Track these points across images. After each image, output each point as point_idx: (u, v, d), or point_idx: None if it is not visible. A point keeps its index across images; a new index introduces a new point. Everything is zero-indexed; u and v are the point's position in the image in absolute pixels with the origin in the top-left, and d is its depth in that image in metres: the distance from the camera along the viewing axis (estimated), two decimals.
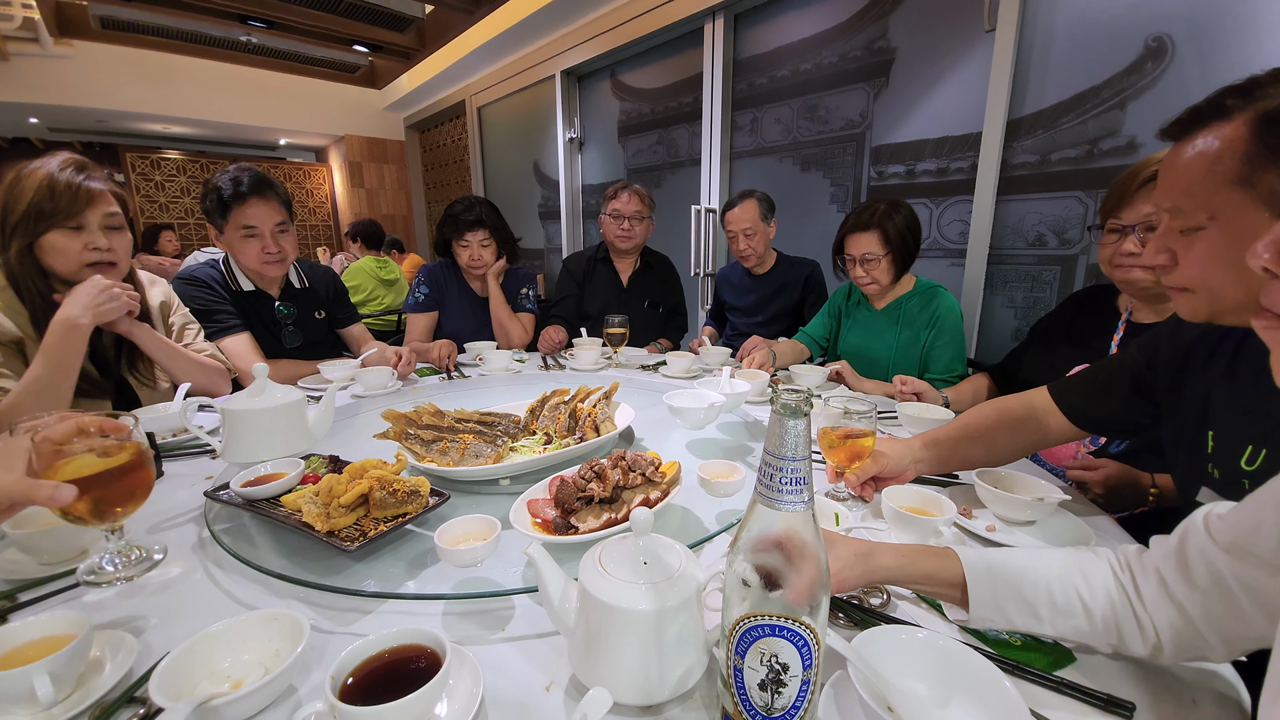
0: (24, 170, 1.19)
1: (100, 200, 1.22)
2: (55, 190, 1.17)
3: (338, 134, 6.40)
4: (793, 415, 0.41)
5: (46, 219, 1.17)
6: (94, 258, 1.23)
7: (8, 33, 4.04)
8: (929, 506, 0.86)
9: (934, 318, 1.68)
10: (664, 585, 0.52)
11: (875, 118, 2.41)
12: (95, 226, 1.23)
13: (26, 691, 0.50)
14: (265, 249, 1.67)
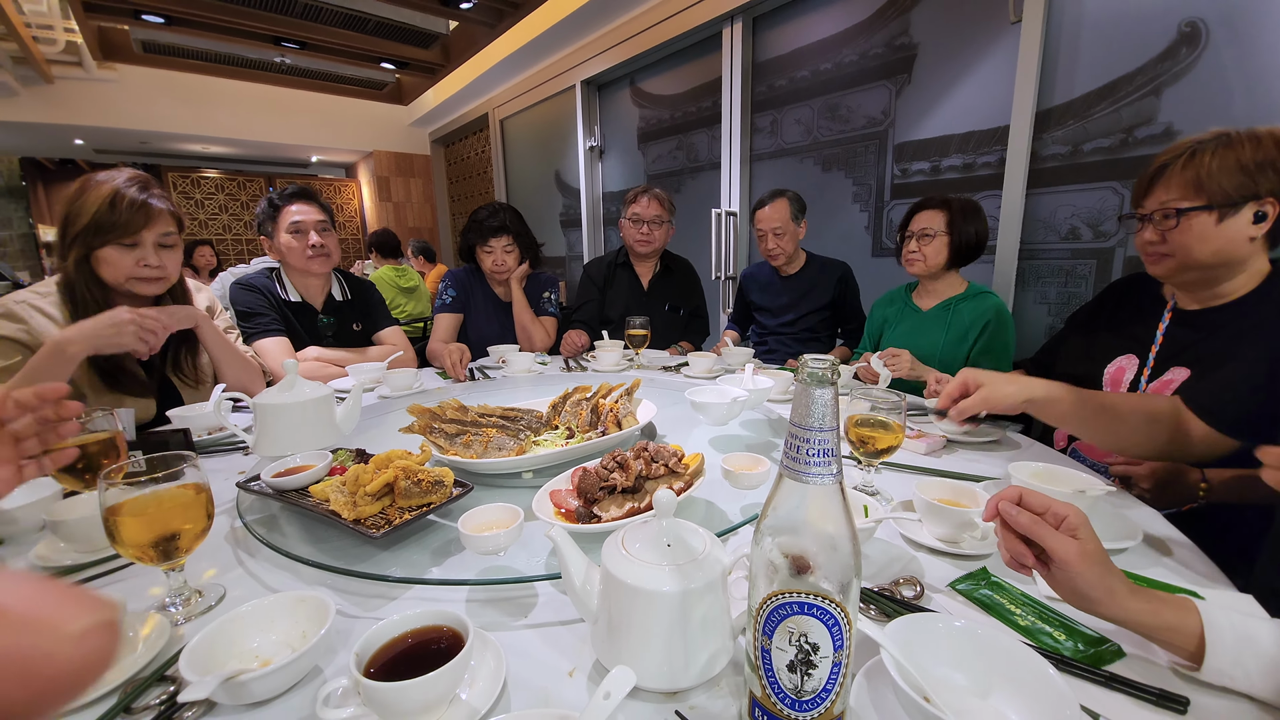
0: (90, 183, 1.23)
1: (158, 220, 1.27)
2: (117, 206, 1.21)
3: (366, 150, 6.58)
4: (819, 384, 0.40)
5: (105, 233, 1.21)
6: (143, 274, 1.27)
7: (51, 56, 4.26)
8: (961, 498, 0.83)
9: (987, 324, 1.64)
10: (689, 567, 0.51)
11: (898, 115, 2.38)
12: (150, 244, 1.27)
13: None
14: (310, 244, 1.79)
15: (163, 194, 1.30)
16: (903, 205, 2.42)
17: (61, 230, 1.23)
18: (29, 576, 0.26)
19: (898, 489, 0.98)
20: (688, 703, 0.52)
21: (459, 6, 3.77)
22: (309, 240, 1.79)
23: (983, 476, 1.02)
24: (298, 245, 1.79)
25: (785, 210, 2.16)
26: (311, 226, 1.80)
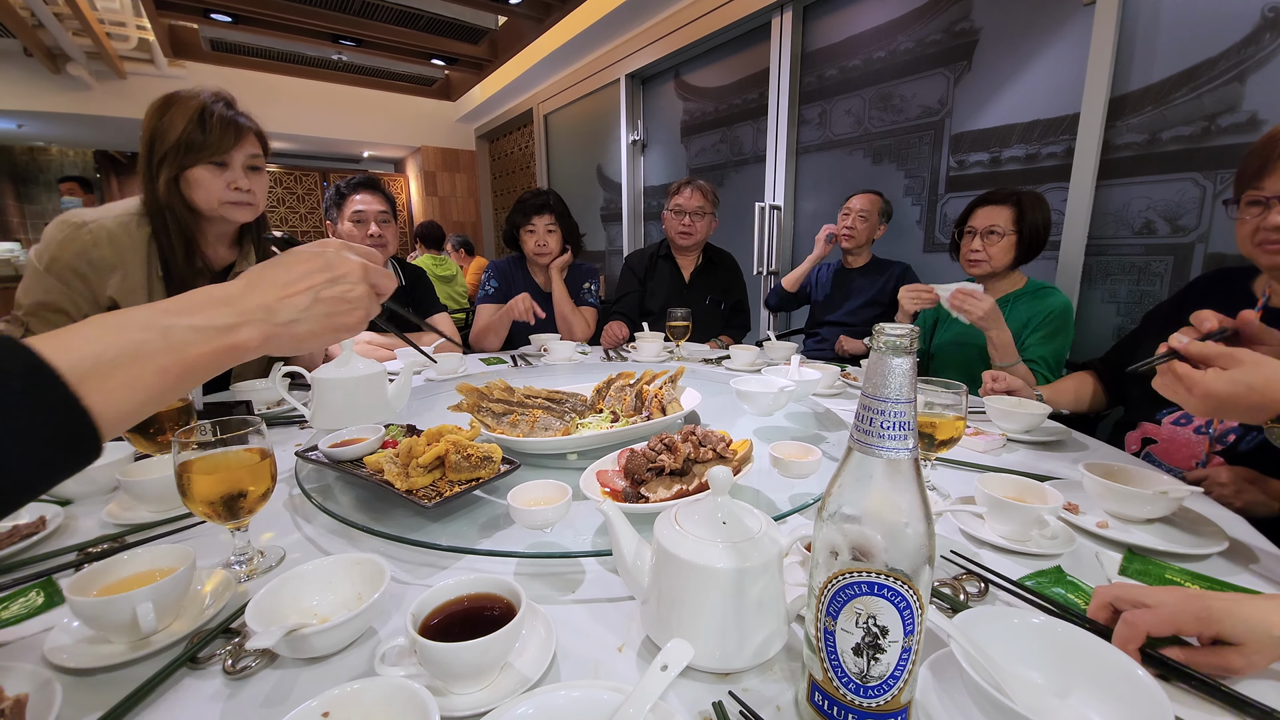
0: (175, 99, 1.17)
1: (246, 140, 1.22)
2: (206, 123, 1.15)
3: (415, 145, 6.76)
4: (896, 352, 0.38)
5: (195, 152, 1.15)
6: (234, 198, 1.22)
7: (124, 52, 4.51)
8: (1028, 495, 0.79)
9: (1047, 317, 1.57)
10: (745, 545, 0.50)
11: (955, 104, 2.28)
12: (239, 165, 1.21)
13: (130, 617, 0.52)
14: (369, 233, 1.87)
15: (247, 113, 1.25)
16: (958, 198, 2.32)
17: (147, 149, 1.17)
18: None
19: (955, 486, 0.93)
20: (740, 684, 0.50)
21: (508, 2, 3.82)
22: (368, 230, 1.87)
23: (1047, 475, 0.96)
24: (358, 234, 1.87)
25: (877, 203, 2.26)
26: (372, 217, 1.88)
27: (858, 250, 2.31)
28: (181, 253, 1.21)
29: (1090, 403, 1.38)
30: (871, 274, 2.32)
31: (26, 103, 4.77)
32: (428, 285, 2.17)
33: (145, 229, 1.20)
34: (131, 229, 1.20)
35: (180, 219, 1.20)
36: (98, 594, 0.55)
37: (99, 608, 0.52)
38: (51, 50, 4.30)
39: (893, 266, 2.31)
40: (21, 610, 0.60)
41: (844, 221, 2.28)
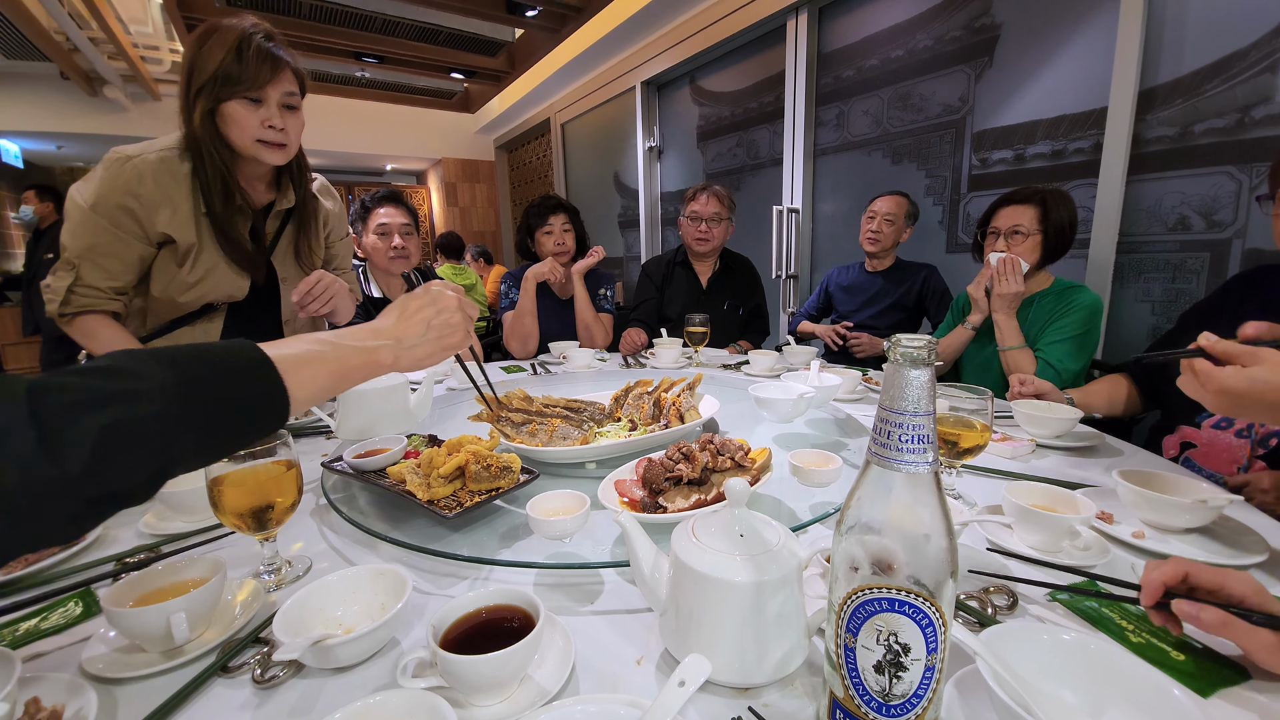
0: (214, 28, 1.12)
1: (283, 76, 1.17)
2: (244, 54, 1.10)
3: (435, 157, 6.89)
4: (913, 365, 0.37)
5: (232, 84, 1.11)
6: (269, 136, 1.17)
7: (158, 75, 4.69)
8: (1059, 504, 0.77)
9: (1072, 309, 1.54)
10: (763, 558, 0.49)
11: (977, 101, 2.24)
12: (274, 103, 1.16)
13: (164, 628, 0.54)
14: (392, 245, 1.93)
15: (288, 48, 1.19)
16: (981, 197, 2.28)
17: (186, 82, 1.14)
18: None
19: (981, 494, 0.91)
20: (760, 700, 0.50)
21: (524, 14, 3.88)
22: (392, 241, 1.93)
23: (1079, 483, 0.94)
24: (382, 245, 1.93)
25: (903, 206, 2.22)
26: (396, 230, 1.93)
27: (882, 254, 2.27)
28: (220, 190, 1.18)
29: (1125, 406, 1.33)
30: (896, 277, 2.27)
31: (65, 125, 4.99)
32: None
33: (187, 164, 1.18)
34: (174, 164, 1.17)
35: (217, 155, 1.17)
36: (133, 604, 0.57)
37: (134, 618, 0.54)
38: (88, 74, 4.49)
39: (918, 270, 2.26)
40: (60, 620, 0.63)
41: (868, 225, 2.24)
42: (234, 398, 0.46)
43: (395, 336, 0.63)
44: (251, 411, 0.47)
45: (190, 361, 0.44)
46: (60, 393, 0.38)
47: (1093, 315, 1.53)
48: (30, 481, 0.36)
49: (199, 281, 1.22)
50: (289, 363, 0.49)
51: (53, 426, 0.37)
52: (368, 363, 0.59)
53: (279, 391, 0.48)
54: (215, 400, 0.44)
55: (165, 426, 0.41)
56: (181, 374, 0.43)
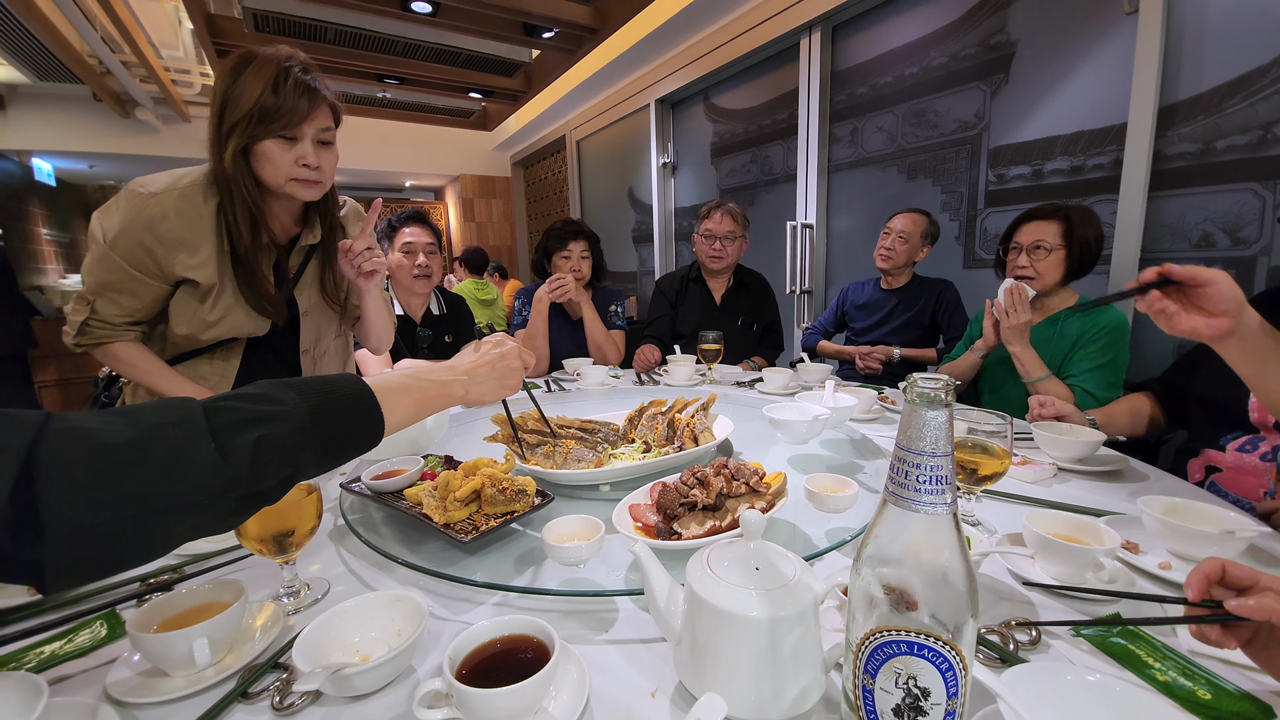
0: (249, 59, 1.07)
1: (319, 113, 1.12)
2: (280, 88, 1.06)
3: (453, 174, 7.01)
4: (930, 405, 0.37)
5: (267, 123, 1.06)
6: (303, 175, 1.12)
7: (189, 97, 4.85)
8: (1082, 534, 0.75)
9: (1098, 334, 1.50)
10: (778, 593, 0.49)
11: (993, 117, 2.23)
12: (310, 139, 1.12)
13: (187, 652, 0.55)
14: (416, 263, 1.97)
15: (323, 79, 1.15)
16: (999, 213, 2.26)
17: (217, 118, 1.08)
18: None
19: (1001, 519, 0.90)
20: None
21: (541, 36, 3.96)
22: (417, 260, 1.97)
23: (1103, 510, 0.92)
24: (407, 264, 1.97)
25: (920, 224, 2.19)
26: (420, 248, 1.98)
27: (896, 271, 2.25)
28: (248, 229, 1.14)
29: (1148, 426, 1.31)
30: (911, 294, 2.26)
31: (97, 145, 5.17)
32: (467, 313, 2.26)
33: (213, 200, 1.13)
34: (198, 201, 1.12)
35: (247, 193, 1.11)
36: (158, 628, 0.58)
37: (158, 644, 0.55)
38: (120, 96, 4.66)
39: (934, 285, 2.24)
40: (88, 641, 0.64)
41: (883, 241, 2.23)
42: (346, 420, 0.56)
43: (467, 374, 0.72)
44: (358, 432, 0.57)
45: (313, 391, 0.53)
46: (227, 413, 0.47)
47: (1120, 335, 1.50)
48: (209, 482, 0.45)
49: (219, 320, 1.19)
50: (383, 393, 0.59)
51: (225, 439, 0.46)
52: (443, 395, 0.68)
53: (378, 416, 0.58)
54: (332, 422, 0.54)
55: (297, 441, 0.50)
56: (307, 400, 0.52)
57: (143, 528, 0.42)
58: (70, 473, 0.39)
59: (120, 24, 3.14)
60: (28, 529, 0.38)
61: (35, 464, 0.38)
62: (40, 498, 0.38)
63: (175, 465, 0.43)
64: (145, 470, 0.42)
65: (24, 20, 3.08)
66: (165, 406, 0.46)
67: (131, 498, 0.41)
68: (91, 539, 0.40)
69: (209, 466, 0.44)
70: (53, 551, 0.39)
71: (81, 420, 0.42)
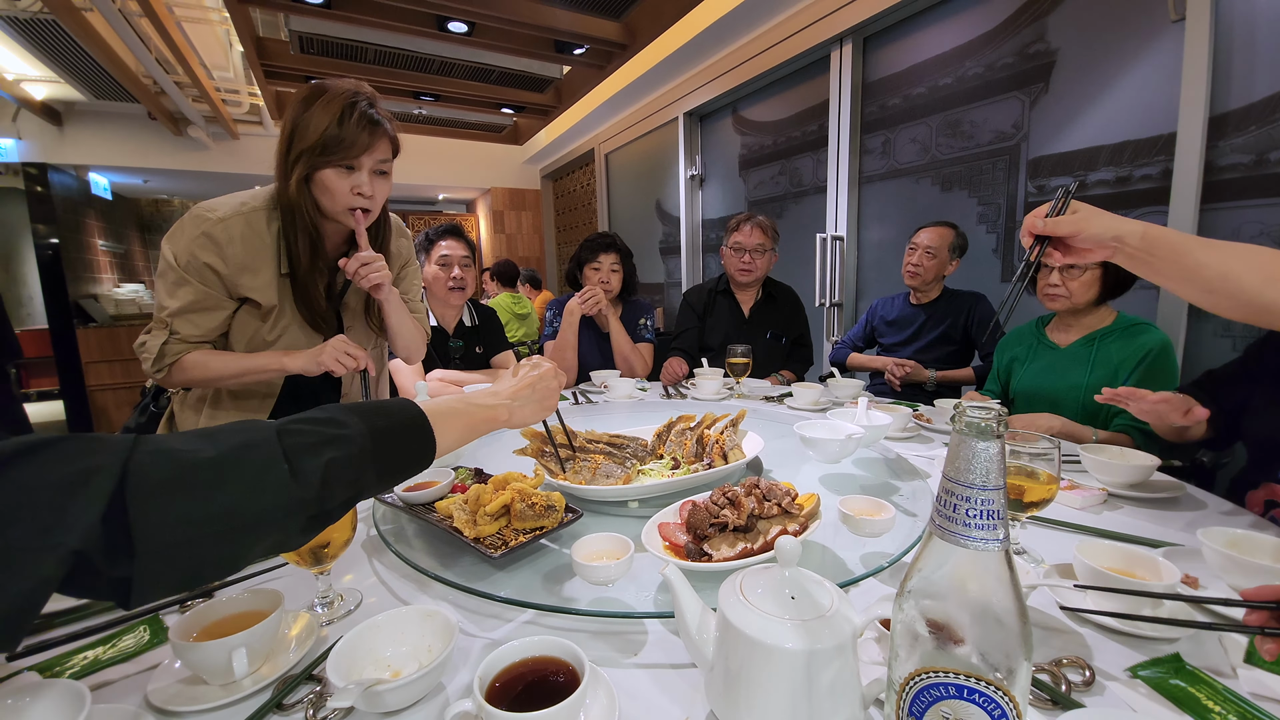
0: (320, 91, 1.14)
1: (379, 146, 1.19)
2: (345, 121, 1.12)
3: (485, 187, 7.15)
4: (980, 436, 0.36)
5: (329, 153, 1.13)
6: (357, 203, 1.19)
7: (238, 116, 5.08)
8: (1137, 568, 0.71)
9: (1143, 361, 1.42)
10: (815, 624, 0.47)
11: (1032, 128, 2.18)
12: (367, 169, 1.18)
13: (225, 662, 0.56)
14: (452, 275, 2.02)
15: (387, 114, 1.21)
16: None
17: (285, 145, 1.15)
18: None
19: (1048, 547, 0.86)
20: None
21: (572, 53, 4.02)
22: (452, 273, 2.02)
23: (1159, 541, 0.87)
24: (442, 275, 2.02)
25: (947, 238, 2.15)
26: (456, 261, 2.03)
27: (925, 287, 2.21)
28: (307, 251, 1.21)
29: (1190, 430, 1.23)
30: (942, 309, 2.21)
31: (152, 161, 5.43)
32: (497, 325, 2.29)
33: (275, 223, 1.20)
34: (261, 226, 1.19)
35: (308, 217, 1.19)
36: (197, 636, 0.59)
37: (198, 652, 0.56)
38: (173, 114, 4.90)
39: (965, 299, 2.19)
40: (131, 646, 0.66)
41: (910, 257, 2.19)
42: (403, 443, 0.58)
43: (510, 398, 0.75)
44: (413, 454, 0.60)
45: (374, 415, 0.56)
46: (298, 435, 0.50)
47: (1164, 358, 1.42)
48: (284, 502, 0.47)
49: (278, 338, 1.25)
50: (436, 417, 0.62)
51: (297, 461, 0.48)
52: (489, 418, 0.71)
53: (431, 440, 0.61)
54: (391, 445, 0.56)
55: (360, 463, 0.53)
56: (370, 424, 0.55)
57: (225, 545, 0.44)
58: (160, 491, 0.41)
59: (174, 47, 3.31)
60: (119, 547, 0.39)
61: (128, 482, 0.40)
62: (132, 516, 0.39)
63: (255, 485, 0.45)
64: (229, 490, 0.44)
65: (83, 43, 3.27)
66: (241, 429, 0.48)
67: (217, 516, 0.43)
68: (178, 556, 0.42)
69: (284, 487, 0.46)
70: (142, 569, 0.40)
71: (167, 441, 0.44)
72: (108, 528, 0.39)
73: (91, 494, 0.38)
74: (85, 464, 0.39)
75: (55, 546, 0.36)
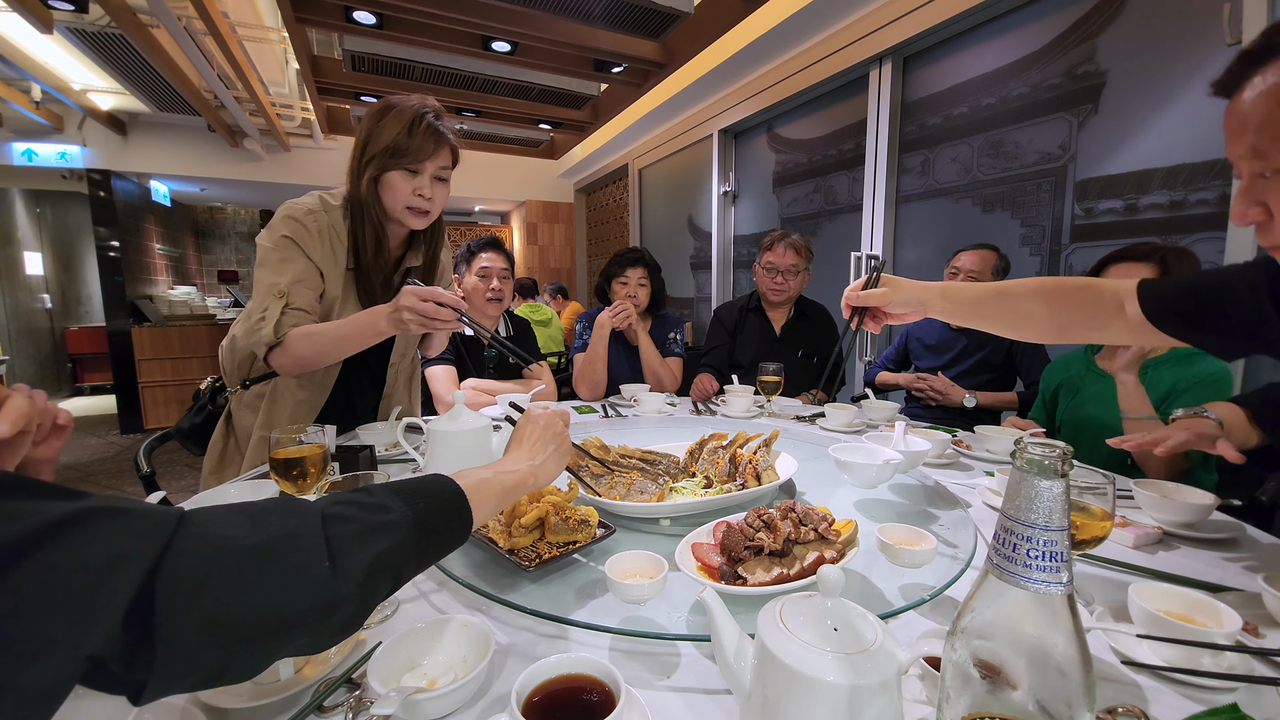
0: (392, 105, 1.28)
1: (442, 154, 1.31)
2: (414, 130, 1.25)
3: (520, 200, 7.31)
4: (1043, 475, 0.35)
5: (398, 157, 1.26)
6: (416, 204, 1.31)
7: (290, 129, 5.32)
8: (1197, 613, 0.68)
9: (1196, 389, 1.36)
10: (859, 659, 0.46)
11: (1080, 149, 2.12)
12: (428, 174, 1.30)
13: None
14: (491, 287, 2.08)
15: (451, 125, 1.33)
16: (1086, 249, 2.13)
17: (359, 151, 1.29)
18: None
19: (1098, 586, 0.82)
20: None
21: (610, 71, 4.10)
22: (490, 284, 2.08)
23: (1218, 585, 0.82)
24: (481, 287, 2.08)
25: (990, 261, 2.09)
26: (495, 274, 2.10)
27: None
28: (373, 247, 1.34)
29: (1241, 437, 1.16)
30: (983, 334, 2.15)
31: (209, 170, 5.73)
32: (531, 336, 2.37)
33: (347, 220, 1.34)
34: (339, 224, 1.33)
35: (375, 216, 1.32)
36: None
37: None
38: (231, 127, 5.16)
39: None
40: None
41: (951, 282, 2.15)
42: (443, 525, 0.57)
43: (529, 461, 0.75)
44: (454, 538, 0.59)
45: (416, 497, 0.55)
46: (344, 522, 0.47)
47: (1222, 389, 1.36)
48: (322, 601, 0.44)
49: None
50: (473, 492, 0.62)
51: (340, 557, 0.45)
52: (518, 484, 0.70)
53: (468, 517, 0.60)
54: (432, 529, 0.55)
55: (403, 553, 0.51)
56: (412, 508, 0.53)
57: (252, 650, 0.41)
58: (193, 587, 0.38)
59: (235, 64, 3.49)
60: (139, 653, 0.36)
61: (159, 577, 0.37)
62: (157, 618, 0.36)
63: (294, 582, 0.42)
64: (265, 586, 0.41)
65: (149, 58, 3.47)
66: (287, 511, 0.46)
67: (248, 618, 0.40)
68: (202, 662, 0.39)
69: (323, 584, 0.43)
70: (160, 674, 0.37)
71: (212, 523, 0.41)
72: (128, 633, 0.35)
73: (117, 587, 0.35)
74: (119, 549, 0.35)
75: (78, 645, 0.33)
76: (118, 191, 5.50)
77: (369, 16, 3.29)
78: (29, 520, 0.33)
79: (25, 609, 0.31)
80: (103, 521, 0.36)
